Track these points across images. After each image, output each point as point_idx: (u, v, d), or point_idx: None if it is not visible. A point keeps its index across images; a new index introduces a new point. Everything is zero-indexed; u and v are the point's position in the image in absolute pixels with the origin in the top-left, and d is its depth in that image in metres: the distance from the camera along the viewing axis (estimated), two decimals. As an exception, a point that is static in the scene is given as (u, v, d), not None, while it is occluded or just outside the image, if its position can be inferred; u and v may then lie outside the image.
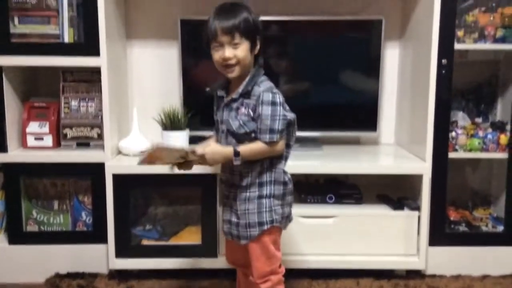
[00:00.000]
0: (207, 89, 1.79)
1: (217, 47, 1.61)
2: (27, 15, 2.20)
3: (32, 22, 2.20)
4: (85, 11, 2.16)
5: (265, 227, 1.65)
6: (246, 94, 1.63)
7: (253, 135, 1.62)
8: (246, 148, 1.61)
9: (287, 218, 1.76)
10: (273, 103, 1.59)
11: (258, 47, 1.65)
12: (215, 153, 1.61)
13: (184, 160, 1.63)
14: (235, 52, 1.59)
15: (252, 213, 1.66)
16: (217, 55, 1.62)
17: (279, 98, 1.61)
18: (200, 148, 1.61)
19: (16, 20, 2.19)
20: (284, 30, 2.41)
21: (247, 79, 1.64)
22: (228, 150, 1.61)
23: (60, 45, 2.20)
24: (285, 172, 1.71)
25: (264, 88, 1.61)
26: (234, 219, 1.71)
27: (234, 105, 1.65)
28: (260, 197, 1.66)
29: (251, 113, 1.61)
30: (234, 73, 1.62)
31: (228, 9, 1.61)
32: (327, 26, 2.45)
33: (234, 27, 1.57)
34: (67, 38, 2.20)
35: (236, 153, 1.59)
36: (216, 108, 1.77)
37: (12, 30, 2.17)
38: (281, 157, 1.69)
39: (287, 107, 1.66)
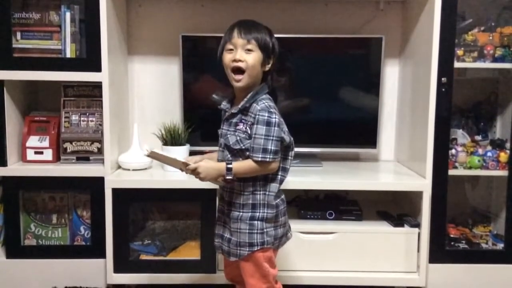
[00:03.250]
0: (213, 96, 1.78)
1: (230, 49, 1.62)
2: (29, 30, 2.22)
3: (35, 37, 2.22)
4: (87, 27, 2.17)
5: (255, 248, 1.65)
6: (245, 110, 1.64)
7: (248, 153, 1.62)
8: (238, 165, 1.61)
9: (281, 238, 1.74)
10: (268, 123, 1.58)
11: (269, 65, 1.66)
12: (208, 168, 1.61)
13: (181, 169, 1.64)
14: (247, 57, 1.60)
15: (243, 233, 1.65)
16: (228, 58, 1.62)
17: (276, 118, 1.60)
18: (193, 162, 1.62)
19: (18, 35, 2.21)
20: (285, 47, 2.42)
21: (249, 95, 1.64)
22: (221, 165, 1.62)
23: (62, 60, 2.21)
24: (277, 195, 1.70)
25: (262, 106, 1.60)
26: (226, 234, 1.71)
27: (234, 120, 1.66)
28: (252, 218, 1.65)
29: (248, 131, 1.61)
30: (241, 81, 1.61)
31: (251, 22, 1.65)
32: (328, 44, 2.47)
33: (252, 35, 1.60)
34: (69, 53, 2.22)
35: (229, 168, 1.60)
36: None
37: (15, 44, 2.19)
38: (275, 180, 1.68)
39: (286, 129, 1.65)
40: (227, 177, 1.60)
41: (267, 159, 1.59)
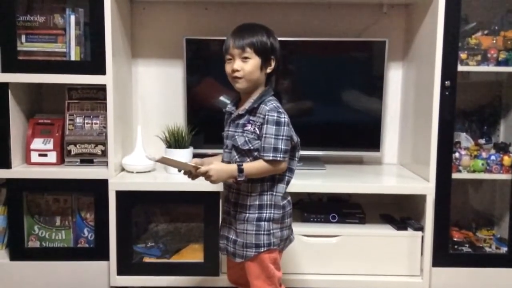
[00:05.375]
0: (221, 98, 1.79)
1: (229, 60, 1.65)
2: (34, 33, 2.23)
3: (39, 40, 2.23)
4: (91, 30, 2.18)
5: (262, 249, 1.65)
6: (253, 111, 1.65)
7: (256, 153, 1.63)
8: (250, 165, 1.62)
9: (286, 240, 1.75)
10: (278, 123, 1.60)
11: (271, 67, 1.68)
12: (219, 170, 1.61)
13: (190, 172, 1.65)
14: (244, 65, 1.62)
15: (250, 234, 1.66)
16: (228, 67, 1.66)
17: (285, 118, 1.62)
18: (204, 166, 1.62)
19: (23, 38, 2.22)
20: (288, 51, 2.44)
21: (255, 96, 1.66)
22: (232, 166, 1.62)
23: (66, 63, 2.22)
24: (284, 196, 1.71)
25: (270, 107, 1.62)
26: (232, 236, 1.72)
27: (241, 121, 1.67)
28: (259, 219, 1.65)
29: (257, 131, 1.63)
30: (240, 84, 1.65)
31: (247, 27, 1.67)
32: (331, 47, 2.47)
33: (246, 43, 1.62)
34: (73, 56, 2.23)
35: (240, 170, 1.60)
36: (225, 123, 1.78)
37: (19, 47, 2.20)
38: (282, 181, 1.69)
39: (292, 129, 1.67)
40: (239, 179, 1.61)
41: (278, 158, 1.60)
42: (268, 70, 1.68)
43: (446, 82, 2.15)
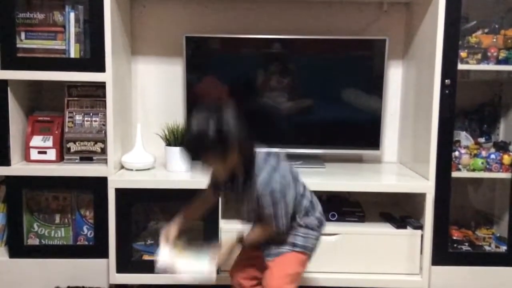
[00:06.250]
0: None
1: None
2: (33, 30, 2.22)
3: (39, 37, 2.23)
4: (91, 27, 2.18)
5: (297, 249, 1.69)
6: (247, 183, 1.62)
7: None
8: (252, 239, 1.69)
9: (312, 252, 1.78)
10: (271, 193, 1.56)
11: (236, 150, 1.52)
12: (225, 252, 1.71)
13: None
14: (215, 172, 1.67)
15: (290, 235, 1.71)
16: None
17: (277, 184, 1.56)
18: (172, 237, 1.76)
19: (22, 35, 2.22)
20: (289, 49, 2.43)
21: (242, 171, 1.61)
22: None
23: (66, 60, 2.22)
24: (318, 218, 1.75)
25: (261, 180, 1.56)
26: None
27: (240, 190, 1.67)
28: (298, 225, 1.71)
29: (257, 201, 1.63)
30: (222, 177, 1.65)
31: (188, 145, 1.57)
32: (331, 45, 2.47)
33: (199, 156, 1.55)
34: (73, 53, 2.23)
35: (240, 240, 1.70)
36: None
37: (19, 44, 2.20)
38: (300, 212, 1.72)
39: (290, 182, 1.62)
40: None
41: (280, 225, 1.62)
42: (236, 153, 1.53)
43: (446, 81, 2.15)
